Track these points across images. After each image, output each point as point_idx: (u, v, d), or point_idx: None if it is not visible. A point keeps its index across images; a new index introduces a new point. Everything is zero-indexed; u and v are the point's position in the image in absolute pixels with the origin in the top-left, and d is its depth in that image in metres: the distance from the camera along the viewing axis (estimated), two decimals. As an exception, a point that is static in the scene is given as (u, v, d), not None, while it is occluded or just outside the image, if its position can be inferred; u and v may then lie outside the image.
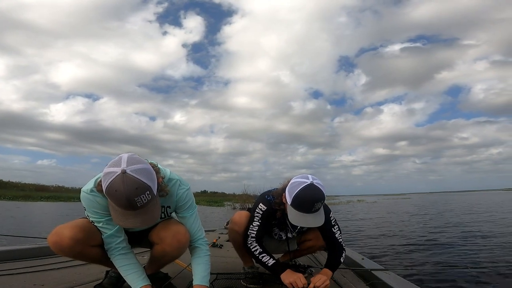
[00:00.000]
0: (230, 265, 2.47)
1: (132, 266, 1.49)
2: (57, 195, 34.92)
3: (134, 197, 1.14)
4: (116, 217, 1.23)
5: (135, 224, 1.23)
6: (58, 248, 1.39)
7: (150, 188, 1.19)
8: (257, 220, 1.94)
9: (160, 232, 1.56)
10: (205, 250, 1.60)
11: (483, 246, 5.67)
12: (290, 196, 1.70)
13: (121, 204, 1.16)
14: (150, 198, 1.20)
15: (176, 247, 1.54)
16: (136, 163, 1.18)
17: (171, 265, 1.89)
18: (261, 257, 1.89)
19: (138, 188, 1.14)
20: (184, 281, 1.84)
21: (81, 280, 1.92)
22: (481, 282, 3.42)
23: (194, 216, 1.59)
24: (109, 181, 1.13)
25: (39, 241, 3.01)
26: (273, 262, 1.87)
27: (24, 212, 15.60)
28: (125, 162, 1.16)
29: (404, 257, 5.06)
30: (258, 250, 1.90)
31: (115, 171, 1.13)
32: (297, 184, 1.69)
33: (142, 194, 1.16)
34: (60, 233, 1.38)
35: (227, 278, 2.02)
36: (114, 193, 1.14)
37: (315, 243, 2.15)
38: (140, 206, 1.18)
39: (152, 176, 1.23)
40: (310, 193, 1.65)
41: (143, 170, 1.19)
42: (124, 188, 1.12)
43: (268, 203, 1.91)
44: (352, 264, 2.59)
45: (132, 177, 1.13)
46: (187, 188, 1.55)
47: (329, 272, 1.88)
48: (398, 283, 2.03)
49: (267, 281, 1.97)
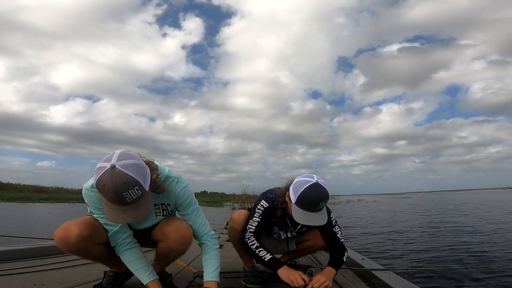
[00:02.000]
0: (230, 265, 2.47)
1: (139, 261, 1.51)
2: (56, 196, 34.88)
3: (122, 192, 1.14)
4: (107, 212, 1.23)
5: (126, 219, 1.23)
6: (64, 244, 1.40)
7: (139, 183, 1.18)
8: (257, 216, 1.93)
9: (163, 229, 1.56)
10: (212, 245, 1.60)
11: (483, 246, 5.67)
12: (295, 195, 1.70)
13: (111, 199, 1.17)
14: (140, 193, 1.19)
15: (181, 242, 1.55)
16: (127, 159, 1.18)
17: (172, 264, 1.90)
18: (258, 252, 1.87)
19: (126, 183, 1.14)
20: (185, 281, 1.85)
21: (81, 280, 1.92)
22: (481, 282, 3.42)
23: (196, 212, 1.59)
24: (99, 176, 1.14)
25: (39, 241, 3.00)
26: (270, 257, 1.86)
27: (22, 214, 15.59)
28: (116, 158, 1.16)
29: (404, 257, 5.06)
30: (255, 245, 1.89)
31: (105, 166, 1.14)
32: (302, 183, 1.70)
33: (131, 189, 1.15)
34: (68, 229, 1.40)
35: (227, 277, 2.02)
36: (102, 188, 1.14)
37: (313, 243, 2.15)
38: (130, 202, 1.17)
39: (143, 172, 1.23)
40: (316, 192, 1.66)
41: (133, 165, 1.18)
42: (112, 182, 1.12)
43: (270, 200, 1.91)
44: (352, 264, 2.59)
45: (120, 172, 1.13)
46: (185, 186, 1.55)
47: (332, 270, 1.87)
48: (398, 283, 2.02)
49: (267, 280, 1.96)
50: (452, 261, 4.61)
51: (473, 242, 6.14)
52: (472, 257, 4.86)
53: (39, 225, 10.02)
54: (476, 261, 4.59)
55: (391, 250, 5.62)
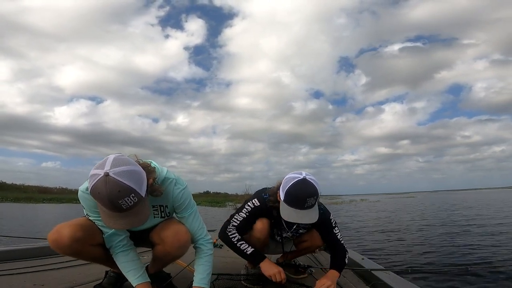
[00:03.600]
0: (230, 265, 2.47)
1: (131, 263, 1.50)
2: (59, 197, 35.05)
3: (117, 200, 1.12)
4: (104, 218, 1.22)
5: (123, 225, 1.22)
6: (57, 246, 1.39)
7: (134, 190, 1.15)
8: (244, 212, 1.89)
9: (160, 232, 1.55)
10: (206, 250, 1.58)
11: (484, 246, 5.65)
12: (283, 192, 1.68)
13: (106, 206, 1.16)
14: (137, 200, 1.17)
15: (177, 246, 1.54)
16: (121, 165, 1.15)
17: (172, 264, 1.89)
18: (239, 245, 1.84)
19: (120, 191, 1.12)
20: (185, 281, 1.84)
21: (81, 280, 1.92)
22: (482, 282, 3.41)
23: (193, 216, 1.57)
24: (93, 184, 1.12)
25: (39, 241, 3.01)
26: (252, 250, 1.83)
27: (23, 214, 15.67)
28: (110, 164, 1.13)
29: (404, 257, 5.05)
30: (236, 237, 1.86)
31: (99, 173, 1.11)
32: (289, 179, 1.67)
33: (126, 197, 1.13)
34: (60, 231, 1.38)
35: (228, 278, 2.01)
36: (97, 195, 1.13)
37: (311, 243, 2.13)
38: (127, 209, 1.16)
39: (138, 178, 1.20)
40: (303, 188, 1.63)
41: (127, 172, 1.15)
42: (106, 191, 1.10)
43: (263, 200, 1.87)
44: (352, 264, 2.58)
45: (114, 180, 1.11)
46: (183, 188, 1.52)
47: (335, 273, 1.85)
48: (398, 283, 2.02)
49: (267, 282, 1.96)
50: (452, 261, 4.60)
51: (473, 242, 6.11)
52: (472, 257, 4.85)
53: (40, 226, 10.06)
54: (477, 261, 4.57)
55: (391, 250, 5.61)
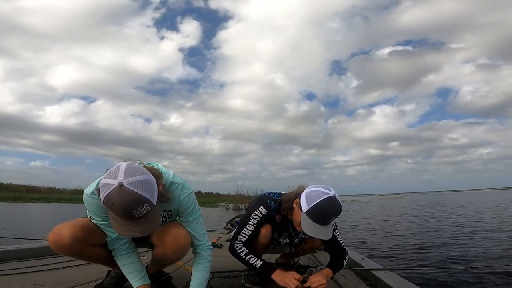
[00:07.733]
0: (230, 265, 2.47)
1: (133, 265, 1.50)
2: (48, 196, 34.38)
3: (131, 210, 1.12)
4: (115, 225, 1.22)
5: (134, 233, 1.22)
6: (57, 247, 1.39)
7: (148, 200, 1.16)
8: (252, 224, 1.86)
9: (160, 235, 1.54)
10: (206, 256, 1.58)
11: (483, 246, 5.70)
12: (308, 204, 1.63)
13: (119, 215, 1.16)
14: (149, 209, 1.18)
15: (176, 250, 1.54)
16: (135, 175, 1.15)
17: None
18: (248, 259, 1.83)
19: (135, 201, 1.12)
20: (181, 280, 1.84)
21: (81, 280, 1.91)
22: (481, 282, 3.44)
23: (197, 221, 1.57)
24: (106, 194, 1.11)
25: (39, 242, 2.97)
26: (261, 263, 1.82)
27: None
28: (123, 174, 1.13)
29: (404, 257, 5.08)
30: (244, 251, 1.84)
31: (112, 183, 1.11)
32: (318, 193, 1.63)
33: (140, 207, 1.14)
34: (60, 232, 1.38)
35: (224, 276, 2.01)
36: (111, 206, 1.13)
37: (311, 244, 2.15)
38: (139, 217, 1.16)
39: (151, 187, 1.20)
40: (331, 206, 1.61)
41: (141, 182, 1.15)
42: (121, 201, 1.10)
43: (269, 207, 1.86)
44: (352, 264, 2.60)
45: (129, 190, 1.11)
46: (189, 193, 1.53)
47: (330, 272, 1.87)
48: (398, 283, 2.05)
49: (266, 280, 1.96)
50: (452, 261, 4.63)
51: (472, 242, 6.17)
52: (472, 257, 4.88)
53: (31, 225, 9.85)
54: (476, 261, 4.61)
55: (391, 250, 5.63)
